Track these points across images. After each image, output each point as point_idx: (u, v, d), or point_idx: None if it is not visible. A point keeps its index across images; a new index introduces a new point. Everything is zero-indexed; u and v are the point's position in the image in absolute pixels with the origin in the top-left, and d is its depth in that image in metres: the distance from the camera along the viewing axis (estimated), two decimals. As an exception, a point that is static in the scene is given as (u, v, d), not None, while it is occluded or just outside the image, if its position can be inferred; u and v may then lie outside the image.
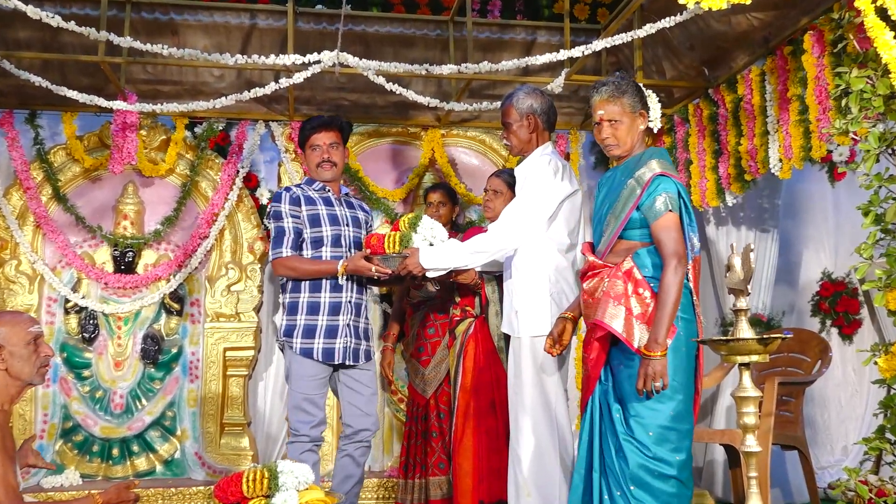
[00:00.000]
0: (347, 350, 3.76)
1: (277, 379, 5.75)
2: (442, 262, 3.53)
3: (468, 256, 3.50)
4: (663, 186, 2.96)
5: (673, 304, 2.86)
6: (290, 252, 3.76)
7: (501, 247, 3.47)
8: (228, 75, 5.50)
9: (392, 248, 3.58)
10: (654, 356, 2.83)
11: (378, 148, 6.01)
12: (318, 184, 3.91)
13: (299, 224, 3.78)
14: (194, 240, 5.63)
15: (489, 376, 4.05)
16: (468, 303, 4.22)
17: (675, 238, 2.91)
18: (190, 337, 5.68)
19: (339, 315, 3.75)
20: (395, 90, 4.86)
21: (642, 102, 3.13)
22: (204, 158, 5.69)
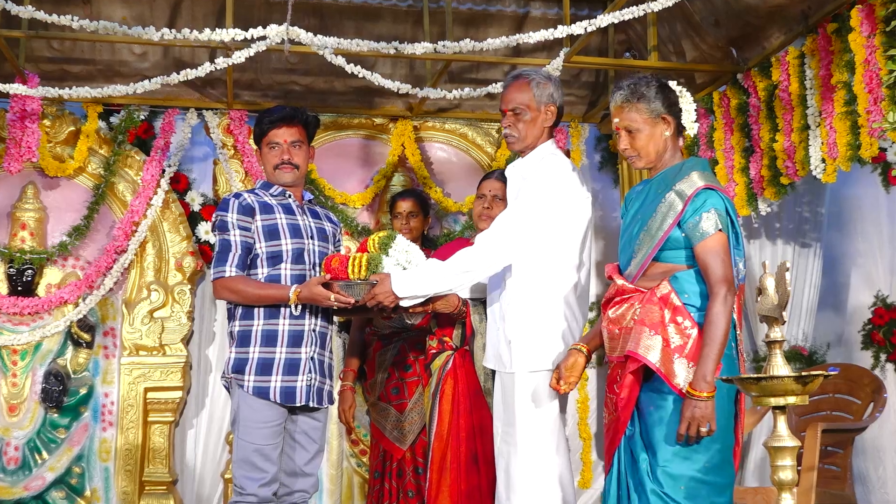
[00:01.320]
0: (311, 389, 3.74)
1: (211, 427, 5.74)
2: (420, 287, 3.51)
3: (453, 278, 3.49)
4: (711, 202, 3.03)
5: (722, 338, 2.92)
6: (234, 272, 3.74)
7: (494, 263, 3.47)
8: (152, 53, 5.50)
9: (357, 272, 3.57)
10: (701, 397, 2.89)
11: (336, 143, 6.03)
12: (277, 188, 3.91)
13: (249, 238, 3.77)
14: (109, 255, 5.61)
15: (471, 422, 4.02)
16: (447, 333, 4.22)
17: (725, 262, 2.99)
18: (103, 374, 5.64)
19: (300, 347, 3.73)
20: (358, 73, 4.87)
21: (667, 105, 3.18)
22: (122, 155, 5.68)
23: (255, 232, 3.76)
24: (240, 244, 3.74)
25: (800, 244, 5.82)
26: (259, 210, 3.79)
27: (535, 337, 3.44)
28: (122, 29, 4.50)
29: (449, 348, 4.17)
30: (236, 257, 3.73)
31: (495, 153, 6.06)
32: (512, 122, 3.61)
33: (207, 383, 5.82)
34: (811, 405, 4.82)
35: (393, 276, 3.49)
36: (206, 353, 5.85)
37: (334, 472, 5.75)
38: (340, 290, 3.59)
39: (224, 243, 3.76)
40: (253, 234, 3.76)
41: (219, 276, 3.74)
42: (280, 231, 3.78)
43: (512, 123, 3.61)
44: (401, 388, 4.66)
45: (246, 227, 3.76)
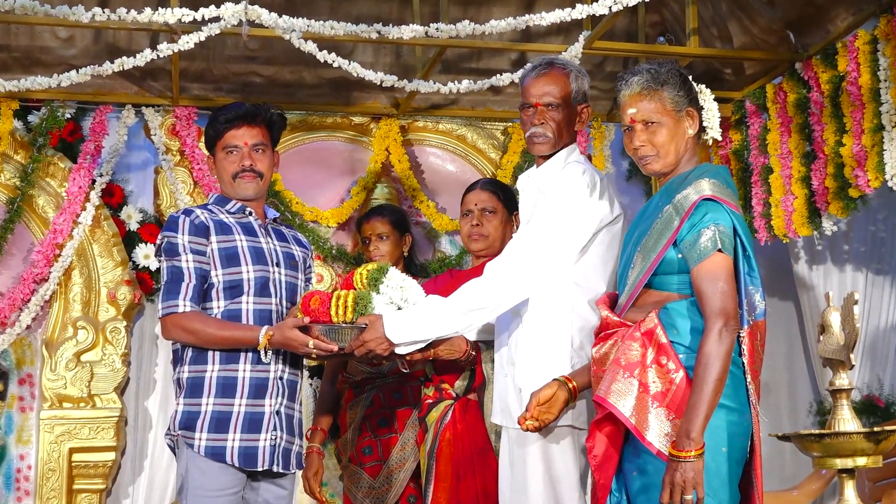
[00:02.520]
0: (276, 450, 3.71)
1: (151, 495, 5.72)
2: (419, 331, 3.47)
3: (460, 318, 3.45)
4: (712, 216, 2.97)
5: (716, 384, 2.85)
6: (189, 306, 3.71)
7: (509, 298, 3.43)
8: (81, 38, 5.52)
9: (342, 314, 3.56)
10: (686, 457, 2.85)
11: (306, 147, 6.06)
12: (235, 203, 3.90)
13: (203, 264, 3.74)
14: (26, 284, 5.60)
15: (474, 487, 4.00)
16: (447, 379, 4.21)
17: (725, 290, 2.92)
18: (18, 432, 5.64)
19: (264, 398, 3.69)
20: (332, 62, 4.88)
21: (690, 98, 3.18)
22: (42, 161, 5.68)
23: (209, 256, 3.75)
24: (194, 272, 3.71)
25: (873, 271, 5.83)
26: (214, 230, 3.77)
27: None
28: (43, 8, 4.52)
29: (448, 397, 4.16)
30: (190, 288, 3.70)
31: (500, 159, 6.07)
32: (545, 118, 3.56)
33: (147, 442, 5.81)
34: (888, 468, 4.79)
35: (386, 319, 3.46)
36: (144, 405, 5.84)
37: (299, 551, 5.73)
38: (322, 336, 3.58)
39: (174, 271, 3.73)
40: (208, 259, 3.75)
41: (169, 311, 3.71)
42: (240, 256, 3.76)
43: (545, 121, 3.56)
44: (374, 448, 4.65)
45: (200, 251, 3.73)
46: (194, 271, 3.71)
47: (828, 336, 2.85)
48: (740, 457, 2.97)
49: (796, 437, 2.80)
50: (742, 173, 5.79)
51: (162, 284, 3.76)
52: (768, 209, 5.55)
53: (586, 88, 3.61)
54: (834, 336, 2.84)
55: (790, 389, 6.32)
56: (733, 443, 2.93)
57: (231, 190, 3.87)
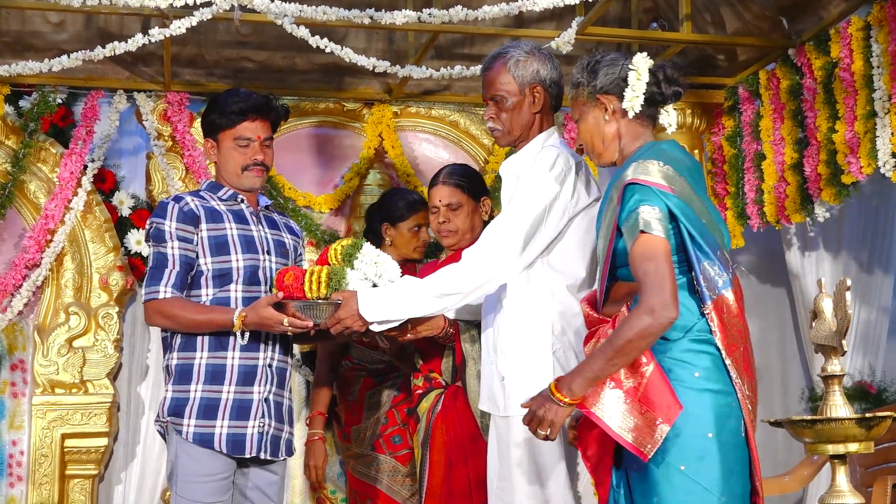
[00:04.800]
0: (264, 438, 3.74)
1: (144, 481, 5.73)
2: (392, 310, 3.51)
3: (431, 301, 3.48)
4: (638, 198, 2.94)
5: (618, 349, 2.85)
6: (170, 292, 3.73)
7: (482, 284, 3.45)
8: (72, 23, 5.49)
9: (316, 290, 3.57)
10: (559, 399, 2.90)
11: (298, 133, 6.04)
12: (227, 190, 3.90)
13: (190, 252, 3.77)
14: (17, 270, 5.59)
15: (467, 475, 4.02)
16: (434, 367, 4.22)
17: (647, 272, 2.89)
18: (10, 418, 5.63)
19: (252, 385, 3.74)
20: (325, 47, 4.87)
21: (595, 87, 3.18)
22: (34, 147, 5.66)
23: (198, 244, 3.76)
24: (178, 259, 3.74)
25: (866, 257, 5.82)
26: (204, 217, 3.79)
27: (533, 372, 3.42)
28: (34, -8, 4.51)
29: (438, 386, 4.18)
30: (173, 275, 3.73)
31: (493, 145, 6.06)
32: (494, 112, 3.62)
33: (139, 428, 5.80)
34: (879, 454, 4.80)
35: (360, 297, 3.49)
36: (137, 390, 5.84)
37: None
38: (297, 312, 3.58)
39: (159, 257, 3.76)
40: (196, 246, 3.76)
41: (151, 297, 3.75)
42: (230, 244, 3.78)
43: (494, 114, 3.62)
44: (404, 436, 4.65)
45: (187, 239, 3.76)
46: (179, 258, 3.74)
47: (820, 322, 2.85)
48: (735, 440, 2.95)
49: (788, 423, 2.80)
50: (735, 160, 5.80)
51: (147, 270, 3.78)
52: (761, 196, 5.55)
53: (535, 67, 3.60)
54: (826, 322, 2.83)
55: (782, 375, 6.33)
56: (722, 425, 2.93)
57: (235, 181, 3.90)
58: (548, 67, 3.63)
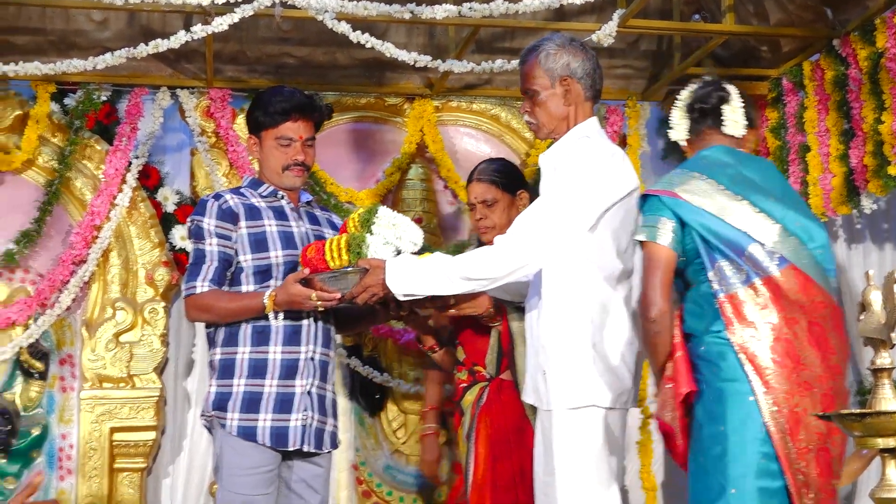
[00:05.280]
0: (307, 431, 3.76)
1: (191, 475, 5.75)
2: (417, 285, 3.48)
3: (455, 283, 3.46)
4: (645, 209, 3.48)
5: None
6: (207, 286, 3.77)
7: (510, 271, 3.43)
8: (115, 21, 5.52)
9: (337, 259, 3.56)
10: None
11: (340, 128, 6.04)
12: (267, 187, 3.92)
13: (228, 248, 3.80)
14: (65, 266, 5.63)
15: (511, 468, 4.02)
16: (477, 359, 4.19)
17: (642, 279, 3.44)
18: (59, 412, 5.68)
19: (295, 379, 3.76)
20: (366, 42, 4.87)
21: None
22: (79, 144, 5.70)
23: (237, 241, 3.79)
24: (217, 255, 3.78)
25: (914, 249, 5.75)
26: (244, 215, 3.82)
27: (574, 366, 3.40)
28: (78, -9, 4.53)
29: (482, 379, 4.17)
30: (211, 270, 3.76)
31: (535, 138, 6.02)
32: (528, 106, 3.61)
33: (185, 422, 5.83)
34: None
35: (388, 267, 3.48)
36: (183, 385, 5.87)
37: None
38: (323, 285, 3.56)
39: (198, 254, 3.81)
40: (235, 243, 3.80)
41: (189, 292, 3.79)
42: (269, 240, 3.80)
43: (529, 108, 3.61)
44: None
45: (226, 236, 3.79)
46: (217, 255, 3.78)
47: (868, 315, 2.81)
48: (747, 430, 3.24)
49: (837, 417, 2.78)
50: (779, 151, 5.74)
51: (188, 266, 3.81)
52: (806, 188, 5.49)
53: (566, 60, 3.57)
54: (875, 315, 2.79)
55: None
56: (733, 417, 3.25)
57: (276, 179, 3.92)
58: (580, 59, 3.60)
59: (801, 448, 3.21)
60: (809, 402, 3.23)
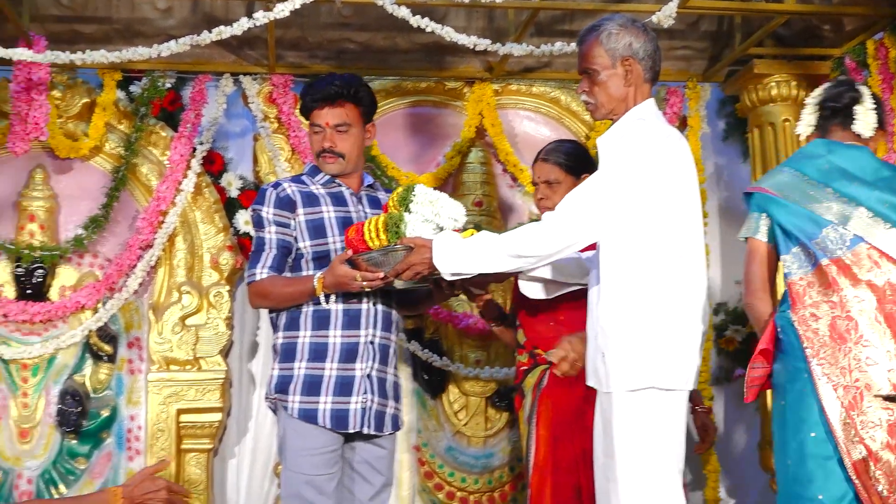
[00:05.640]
0: (368, 413, 3.79)
1: (256, 456, 5.81)
2: (465, 264, 3.47)
3: (505, 260, 3.44)
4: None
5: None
6: (266, 273, 3.82)
7: (558, 250, 3.41)
8: (179, 9, 5.56)
9: (376, 239, 3.56)
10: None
11: (400, 112, 6.05)
12: (324, 175, 3.95)
13: (287, 236, 3.85)
14: (132, 251, 5.69)
15: (572, 450, 4.00)
16: (538, 343, 4.18)
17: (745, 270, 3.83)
18: (128, 394, 5.74)
19: (355, 362, 3.80)
20: (426, 27, 4.86)
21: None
22: (145, 131, 5.76)
23: (296, 228, 3.82)
24: (276, 242, 3.83)
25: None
26: (301, 202, 3.85)
27: (634, 346, 3.37)
28: (142, -20, 4.57)
29: (542, 362, 4.15)
30: (270, 257, 3.82)
31: (594, 121, 5.99)
32: (587, 85, 3.58)
33: (251, 404, 5.89)
34: None
35: (436, 246, 3.47)
36: (248, 367, 5.92)
37: (400, 510, 5.77)
38: (367, 266, 3.57)
39: (258, 242, 3.88)
40: (294, 230, 3.84)
41: (249, 279, 3.87)
42: (327, 226, 3.83)
43: (587, 88, 3.58)
44: None
45: (284, 223, 3.84)
46: (276, 242, 3.84)
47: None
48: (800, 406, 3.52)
49: (891, 398, 2.77)
50: (842, 131, 5.67)
51: (250, 254, 3.86)
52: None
53: (628, 40, 3.53)
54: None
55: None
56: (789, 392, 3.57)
57: (319, 164, 3.93)
58: (641, 40, 3.56)
59: (864, 422, 3.33)
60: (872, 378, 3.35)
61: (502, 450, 5.77)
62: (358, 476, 3.87)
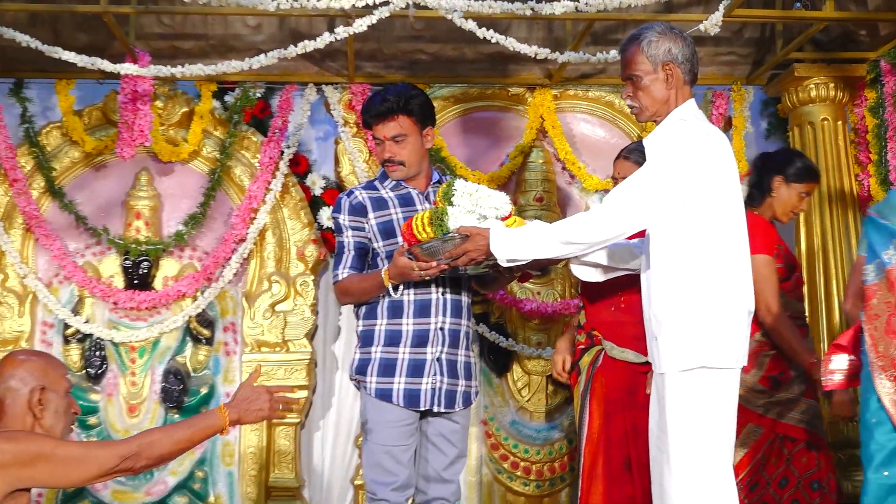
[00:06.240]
0: (437, 392, 3.80)
1: (339, 429, 5.82)
2: (519, 250, 3.43)
3: (556, 247, 3.40)
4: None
5: None
6: (346, 273, 3.88)
7: (604, 238, 3.37)
8: (267, 25, 5.59)
9: (423, 232, 3.52)
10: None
11: (467, 117, 6.01)
12: (392, 179, 3.95)
13: (363, 238, 3.89)
14: (227, 244, 5.73)
15: (623, 425, 3.98)
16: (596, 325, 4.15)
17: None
18: (224, 373, 5.78)
19: (426, 347, 3.81)
20: (491, 38, 4.83)
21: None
22: (237, 136, 5.79)
23: (369, 231, 3.85)
24: (353, 245, 3.88)
25: None
26: (371, 207, 3.88)
27: (684, 328, 3.31)
28: (235, 0, 4.58)
29: (599, 343, 4.13)
30: (349, 258, 3.87)
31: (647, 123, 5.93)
32: (631, 91, 3.50)
33: (334, 382, 5.89)
34: None
35: (492, 234, 3.44)
36: (331, 349, 5.92)
37: (473, 479, 5.77)
38: (422, 255, 3.56)
39: (339, 246, 3.92)
40: (368, 233, 3.87)
41: (334, 280, 3.93)
42: (395, 227, 3.85)
43: (631, 93, 3.50)
44: None
45: (359, 227, 3.88)
46: (353, 245, 3.88)
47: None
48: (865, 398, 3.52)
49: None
50: (877, 129, 5.54)
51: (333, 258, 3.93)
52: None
53: (667, 46, 3.43)
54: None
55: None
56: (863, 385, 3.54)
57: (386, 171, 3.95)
58: (679, 45, 3.50)
59: None
60: None
61: (561, 424, 5.73)
62: (433, 447, 3.89)
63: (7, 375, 2.92)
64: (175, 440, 2.97)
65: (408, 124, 3.88)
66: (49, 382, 2.93)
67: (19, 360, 2.96)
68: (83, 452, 2.85)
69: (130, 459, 2.84)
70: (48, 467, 2.77)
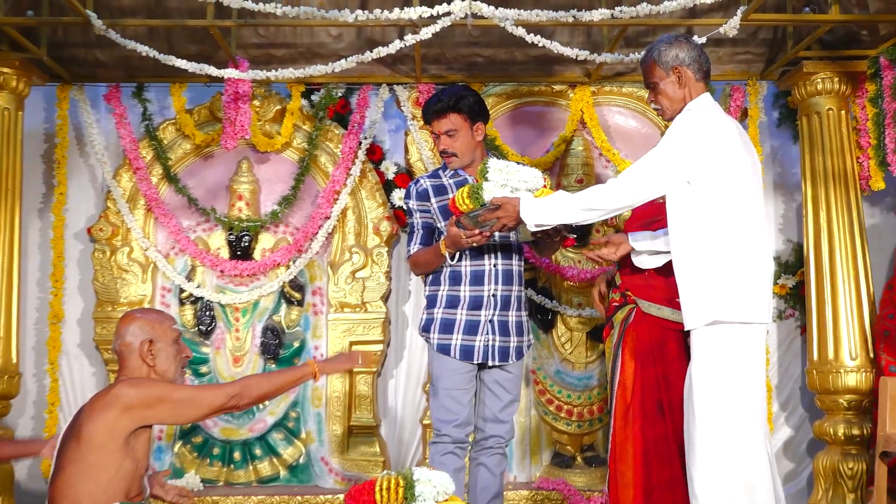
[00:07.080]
0: (490, 348, 3.86)
1: (409, 377, 5.88)
2: (545, 216, 3.47)
3: (578, 213, 3.43)
4: None
5: None
6: (415, 248, 4.01)
7: (616, 204, 3.41)
8: (347, 34, 5.62)
9: (464, 205, 3.59)
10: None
11: (518, 110, 6.00)
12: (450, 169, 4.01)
13: (428, 218, 3.98)
14: (314, 221, 5.79)
15: (655, 373, 3.95)
16: (630, 287, 4.11)
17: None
18: (312, 329, 5.85)
19: (480, 310, 3.88)
20: (537, 42, 4.82)
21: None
22: (322, 129, 5.83)
23: (433, 213, 3.91)
24: (420, 225, 3.99)
25: None
26: (433, 193, 3.96)
27: (704, 285, 3.29)
28: (319, 13, 4.63)
29: (631, 301, 4.09)
30: (418, 236, 3.99)
31: (666, 119, 5.88)
32: (652, 96, 3.57)
33: (405, 337, 5.94)
34: None
35: (522, 203, 3.49)
36: (402, 309, 5.98)
37: (522, 419, 5.79)
38: (468, 224, 3.60)
39: (410, 226, 4.04)
40: (432, 214, 3.91)
41: (407, 255, 4.05)
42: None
43: (653, 98, 3.57)
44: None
45: (425, 210, 3.98)
46: (421, 224, 3.98)
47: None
48: None
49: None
50: (876, 117, 5.42)
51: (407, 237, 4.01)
52: (902, 159, 5.23)
53: (675, 52, 3.49)
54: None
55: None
56: None
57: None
58: (686, 50, 3.51)
59: None
60: None
61: (599, 373, 5.73)
62: (490, 393, 3.95)
63: (123, 332, 3.02)
64: (272, 383, 3.07)
65: (458, 121, 3.92)
66: (156, 335, 3.02)
67: (131, 317, 3.06)
68: (196, 393, 2.95)
69: (236, 398, 2.94)
70: (167, 407, 2.86)
